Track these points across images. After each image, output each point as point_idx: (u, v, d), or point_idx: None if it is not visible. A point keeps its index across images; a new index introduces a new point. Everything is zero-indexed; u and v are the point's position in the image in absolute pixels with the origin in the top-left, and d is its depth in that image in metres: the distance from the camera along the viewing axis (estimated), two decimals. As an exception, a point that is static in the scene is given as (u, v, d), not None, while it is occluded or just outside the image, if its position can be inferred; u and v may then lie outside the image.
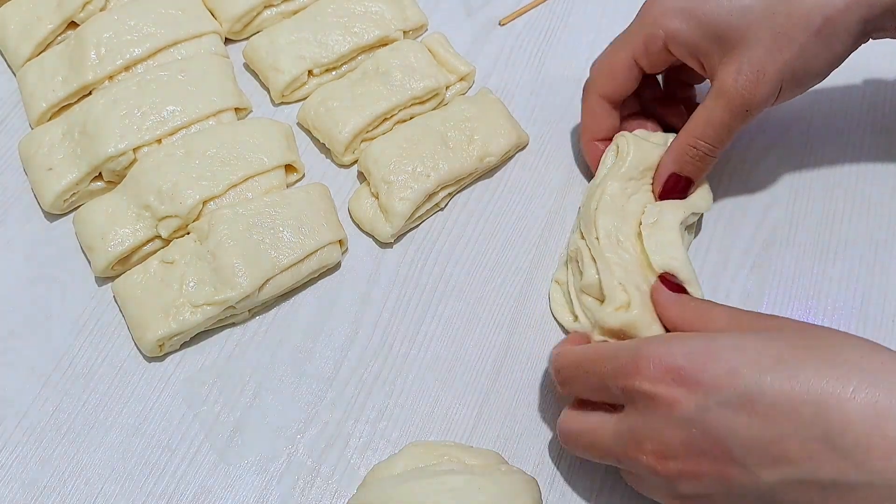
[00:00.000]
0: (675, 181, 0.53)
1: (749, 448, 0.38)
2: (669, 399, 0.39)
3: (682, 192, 0.54)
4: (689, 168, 0.53)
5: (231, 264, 0.52)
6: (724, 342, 0.40)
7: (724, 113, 0.50)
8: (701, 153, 0.52)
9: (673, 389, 0.39)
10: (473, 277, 0.57)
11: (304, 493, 0.50)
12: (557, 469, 0.50)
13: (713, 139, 0.51)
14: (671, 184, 0.53)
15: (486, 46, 0.66)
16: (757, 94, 0.49)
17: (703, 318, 0.46)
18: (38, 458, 0.50)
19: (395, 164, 0.57)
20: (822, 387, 0.36)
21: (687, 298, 0.48)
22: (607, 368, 0.43)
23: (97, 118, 0.57)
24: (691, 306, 0.47)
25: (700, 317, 0.46)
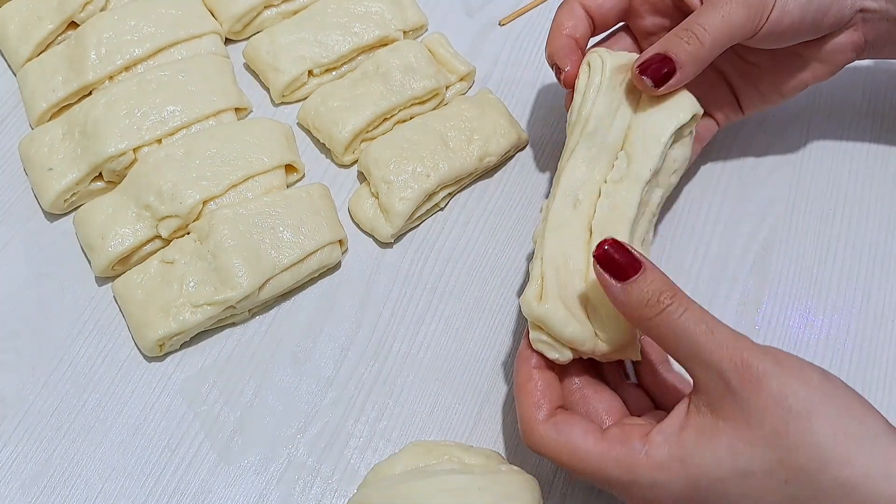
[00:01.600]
0: (658, 59, 0.47)
1: None
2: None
3: (659, 74, 0.47)
4: (676, 48, 0.47)
5: (231, 264, 0.52)
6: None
7: (721, 2, 0.47)
8: (693, 35, 0.47)
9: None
10: (473, 277, 0.57)
11: (304, 493, 0.50)
12: (557, 469, 0.50)
13: (708, 24, 0.47)
14: (653, 59, 0.47)
15: (486, 46, 0.66)
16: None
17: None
18: (38, 458, 0.50)
19: (396, 164, 0.57)
20: None
21: (634, 289, 0.41)
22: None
23: (97, 118, 0.57)
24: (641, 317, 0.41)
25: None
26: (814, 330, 0.55)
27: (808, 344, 0.54)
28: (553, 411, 0.44)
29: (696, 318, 0.39)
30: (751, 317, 0.55)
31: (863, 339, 0.54)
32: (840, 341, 0.54)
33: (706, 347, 0.39)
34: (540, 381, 0.45)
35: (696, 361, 0.39)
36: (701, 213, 0.59)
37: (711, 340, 0.39)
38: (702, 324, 0.39)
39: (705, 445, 0.38)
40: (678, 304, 0.40)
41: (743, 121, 0.61)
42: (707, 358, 0.39)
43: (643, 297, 0.40)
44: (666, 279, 0.41)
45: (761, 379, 0.37)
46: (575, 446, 0.42)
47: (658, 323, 0.40)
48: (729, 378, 0.38)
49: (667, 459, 0.39)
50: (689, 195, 0.59)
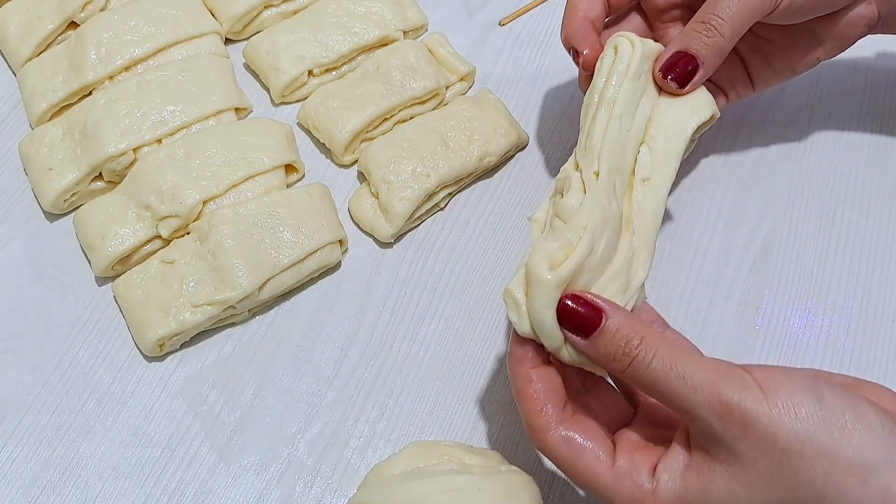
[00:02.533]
0: (680, 58, 0.47)
1: None
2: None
3: (684, 73, 0.48)
4: (696, 44, 0.47)
5: (231, 264, 0.52)
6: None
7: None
8: (711, 27, 0.47)
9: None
10: (473, 277, 0.57)
11: (304, 493, 0.50)
12: (557, 469, 0.50)
13: (725, 13, 0.47)
14: (675, 59, 0.47)
15: (486, 46, 0.66)
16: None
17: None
18: (38, 457, 0.50)
19: (395, 164, 0.57)
20: None
21: (600, 343, 0.39)
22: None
23: (97, 118, 0.57)
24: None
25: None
26: (814, 330, 0.55)
27: (808, 344, 0.54)
28: (559, 415, 0.41)
29: (666, 365, 0.38)
30: (751, 317, 0.55)
31: (863, 339, 0.54)
32: (840, 341, 0.54)
33: (680, 395, 0.37)
34: (540, 383, 0.42)
35: (676, 409, 0.38)
36: (701, 212, 0.59)
37: (684, 387, 0.37)
38: (672, 370, 0.37)
39: (704, 487, 0.38)
40: (644, 351, 0.38)
41: (743, 120, 0.61)
42: (684, 405, 0.37)
43: (609, 352, 0.39)
44: (631, 324, 0.39)
45: (746, 422, 0.36)
46: (584, 468, 0.40)
47: (631, 375, 0.39)
48: (711, 424, 0.37)
49: (673, 501, 0.38)
50: (689, 194, 0.59)
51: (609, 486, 0.40)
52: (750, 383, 0.37)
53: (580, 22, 0.51)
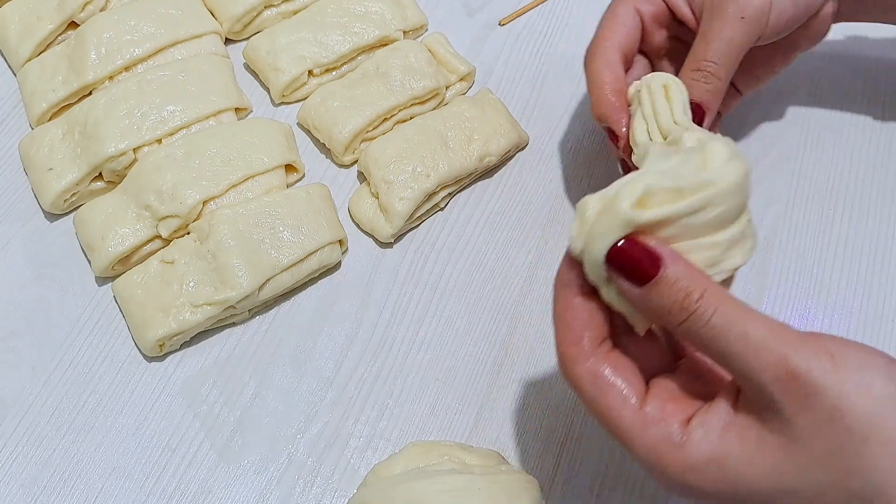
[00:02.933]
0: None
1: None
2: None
3: (693, 121, 0.47)
4: (697, 92, 0.49)
5: (231, 264, 0.52)
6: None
7: (723, 26, 0.49)
8: (708, 74, 0.49)
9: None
10: (473, 277, 0.57)
11: (304, 493, 0.50)
12: (557, 469, 0.50)
13: (717, 56, 0.49)
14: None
15: (486, 46, 0.66)
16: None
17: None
18: (38, 457, 0.50)
19: (395, 164, 0.57)
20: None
21: (654, 295, 0.36)
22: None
23: (97, 118, 0.57)
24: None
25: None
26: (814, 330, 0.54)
27: (808, 344, 0.54)
28: (594, 349, 0.38)
29: (728, 323, 0.34)
30: (751, 317, 0.55)
31: (863, 339, 0.54)
32: (840, 341, 0.54)
33: (741, 356, 0.34)
34: (581, 311, 0.38)
35: (734, 371, 0.35)
36: (701, 213, 0.59)
37: (746, 348, 0.34)
38: (733, 329, 0.34)
39: (748, 454, 0.34)
40: (705, 306, 0.34)
41: (742, 121, 0.61)
42: (743, 368, 0.34)
43: (665, 304, 0.35)
44: (692, 276, 0.35)
45: (810, 395, 0.33)
46: (608, 408, 0.37)
47: (686, 330, 0.35)
48: (771, 392, 0.33)
49: (704, 462, 0.35)
50: (689, 195, 0.59)
51: (631, 431, 0.36)
52: (820, 352, 0.33)
53: (610, 99, 0.50)
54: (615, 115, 0.50)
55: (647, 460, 0.36)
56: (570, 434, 0.51)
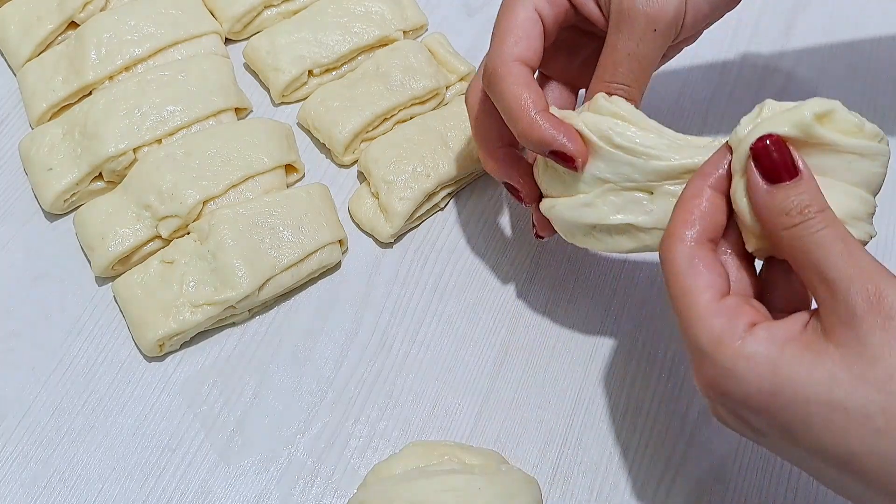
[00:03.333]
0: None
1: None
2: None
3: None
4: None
5: (231, 264, 0.52)
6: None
7: (631, 40, 0.44)
8: (619, 98, 0.44)
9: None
10: (473, 277, 0.57)
11: (304, 493, 0.50)
12: (557, 469, 0.50)
13: (626, 77, 0.44)
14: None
15: (486, 46, 0.66)
16: (660, 7, 0.43)
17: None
18: (38, 457, 0.50)
19: (395, 164, 0.57)
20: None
21: (780, 194, 0.37)
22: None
23: (97, 118, 0.57)
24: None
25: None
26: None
27: (808, 344, 0.54)
28: (702, 239, 0.39)
29: (836, 237, 0.35)
30: (751, 317, 0.55)
31: (863, 339, 0.54)
32: (840, 341, 0.54)
33: (838, 266, 0.35)
34: (707, 203, 0.39)
35: (824, 281, 0.35)
36: (701, 213, 0.59)
37: (846, 261, 0.35)
38: (840, 243, 0.35)
39: (805, 360, 0.35)
40: (821, 219, 0.36)
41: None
42: (836, 277, 0.35)
43: (786, 206, 0.36)
44: (819, 196, 0.37)
45: (892, 317, 0.33)
46: (690, 288, 0.37)
47: (793, 234, 0.36)
48: (855, 304, 0.34)
49: (758, 355, 0.35)
50: (689, 195, 0.59)
51: (701, 314, 0.37)
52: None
53: (545, 119, 0.44)
54: (560, 136, 0.43)
55: (704, 345, 0.36)
56: (570, 434, 0.51)
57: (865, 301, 0.34)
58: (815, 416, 0.34)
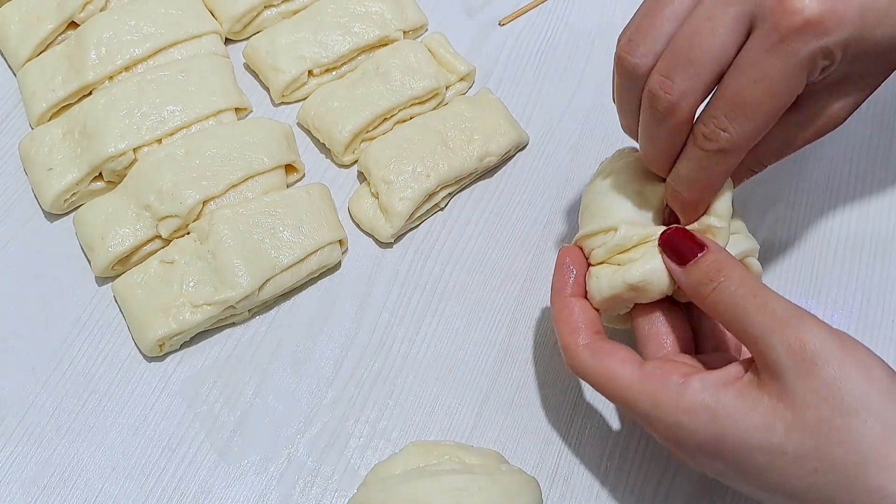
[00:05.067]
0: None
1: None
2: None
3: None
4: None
5: (231, 264, 0.52)
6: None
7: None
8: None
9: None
10: (473, 277, 0.57)
11: (304, 493, 0.50)
12: (557, 469, 0.50)
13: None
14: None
15: (486, 46, 0.66)
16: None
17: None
18: (38, 457, 0.50)
19: (395, 164, 0.57)
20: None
21: (693, 270, 0.41)
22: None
23: (97, 118, 0.57)
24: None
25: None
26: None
27: (808, 344, 0.54)
28: (593, 336, 0.44)
29: (749, 294, 0.38)
30: (751, 317, 0.55)
31: (863, 339, 0.53)
32: (840, 341, 0.54)
33: (757, 323, 0.37)
34: (576, 308, 0.45)
35: (748, 337, 0.38)
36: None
37: (764, 314, 0.37)
38: (756, 298, 0.38)
39: (741, 408, 0.37)
40: (732, 280, 0.39)
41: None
42: (757, 333, 0.37)
43: (700, 278, 0.40)
44: (728, 259, 0.41)
45: (816, 363, 0.36)
46: (611, 373, 0.41)
47: (713, 300, 0.39)
48: (779, 357, 0.36)
49: (697, 406, 0.38)
50: (689, 195, 0.59)
51: (633, 388, 0.40)
52: (832, 333, 0.37)
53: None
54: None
55: (646, 409, 0.40)
56: (570, 434, 0.51)
57: (787, 353, 0.36)
58: (759, 460, 0.37)
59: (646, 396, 0.40)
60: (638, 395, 0.40)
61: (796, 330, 0.36)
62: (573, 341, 0.44)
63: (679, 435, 0.39)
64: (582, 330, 0.44)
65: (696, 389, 0.39)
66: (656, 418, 0.40)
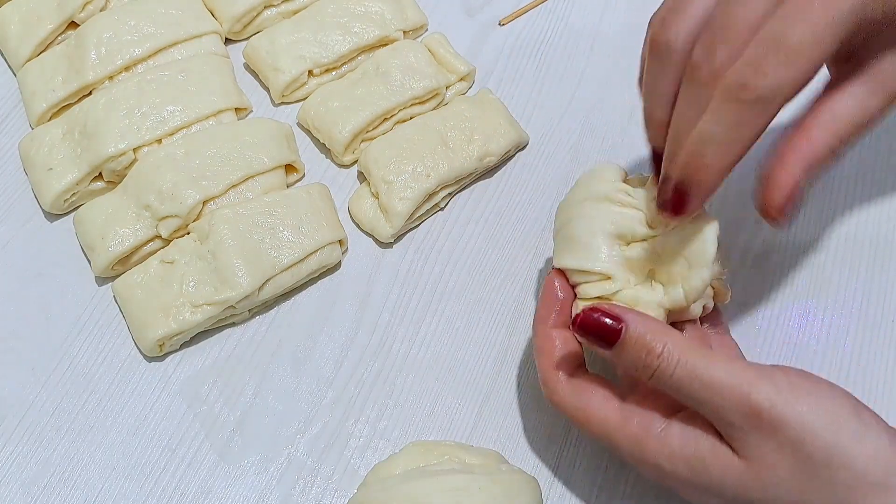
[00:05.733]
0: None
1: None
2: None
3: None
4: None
5: (231, 264, 0.52)
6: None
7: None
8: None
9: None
10: (473, 277, 0.57)
11: (304, 493, 0.50)
12: (557, 469, 0.50)
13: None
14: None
15: (486, 46, 0.66)
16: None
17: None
18: (38, 458, 0.50)
19: (395, 164, 0.57)
20: None
21: (623, 354, 0.40)
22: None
23: (97, 118, 0.57)
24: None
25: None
26: (814, 330, 0.55)
27: (808, 344, 0.54)
28: (574, 371, 0.43)
29: (690, 373, 0.38)
30: (751, 317, 0.55)
31: (863, 339, 0.54)
32: (840, 341, 0.54)
33: (707, 401, 0.38)
34: (559, 340, 0.44)
35: (704, 412, 0.38)
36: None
37: (712, 394, 0.37)
38: (696, 379, 0.38)
39: (717, 467, 0.38)
40: (666, 361, 0.38)
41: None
42: (709, 411, 0.38)
43: (632, 363, 0.39)
44: (653, 330, 0.39)
45: (775, 424, 0.36)
46: (592, 413, 0.42)
47: (655, 384, 0.39)
48: (737, 426, 0.37)
49: (676, 455, 0.39)
50: (689, 195, 0.59)
51: (615, 427, 0.41)
52: (780, 385, 0.37)
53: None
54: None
55: (629, 450, 0.41)
56: (570, 434, 0.51)
57: (745, 422, 0.37)
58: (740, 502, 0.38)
59: (627, 441, 0.40)
60: (620, 439, 0.41)
61: (748, 398, 0.37)
62: (554, 377, 0.44)
63: (661, 475, 0.40)
64: (563, 365, 0.44)
65: (676, 437, 0.39)
66: (639, 459, 0.41)
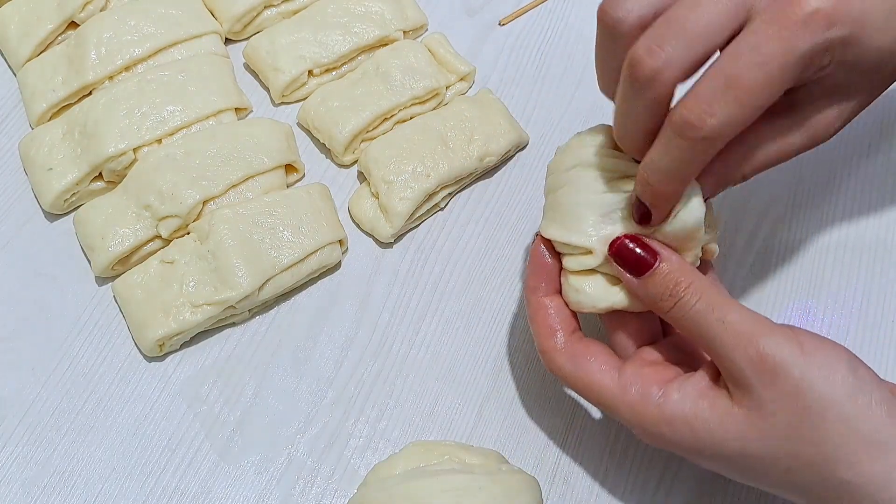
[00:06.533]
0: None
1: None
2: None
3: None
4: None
5: (231, 264, 0.52)
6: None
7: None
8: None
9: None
10: (473, 277, 0.57)
11: (304, 493, 0.50)
12: (557, 469, 0.50)
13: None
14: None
15: (486, 46, 0.66)
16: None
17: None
18: (38, 458, 0.50)
19: (395, 164, 0.57)
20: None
21: (650, 284, 0.41)
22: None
23: (97, 118, 0.57)
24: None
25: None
26: (814, 330, 0.54)
27: (808, 344, 0.54)
28: (569, 337, 0.44)
29: (708, 308, 0.39)
30: (751, 317, 0.55)
31: (863, 339, 0.54)
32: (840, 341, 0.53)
33: (718, 338, 0.39)
34: (552, 308, 0.45)
35: (712, 352, 0.39)
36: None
37: (723, 331, 0.38)
38: (713, 314, 0.39)
39: (716, 421, 0.39)
40: (691, 294, 0.40)
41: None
42: (719, 349, 0.39)
43: (658, 292, 0.41)
44: (683, 269, 0.41)
45: (777, 372, 0.37)
46: (591, 381, 0.42)
47: (673, 316, 0.40)
48: (742, 370, 0.38)
49: (676, 418, 0.40)
50: (689, 195, 0.59)
51: (615, 395, 0.42)
52: (791, 339, 0.38)
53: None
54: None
55: (628, 418, 0.41)
56: (570, 434, 0.51)
57: (750, 367, 0.38)
58: (736, 464, 0.40)
59: (627, 407, 0.41)
60: (619, 405, 0.41)
61: (756, 343, 0.38)
62: (550, 345, 0.44)
63: (661, 440, 0.41)
64: (558, 331, 0.44)
65: (674, 402, 0.40)
66: (638, 426, 0.41)
